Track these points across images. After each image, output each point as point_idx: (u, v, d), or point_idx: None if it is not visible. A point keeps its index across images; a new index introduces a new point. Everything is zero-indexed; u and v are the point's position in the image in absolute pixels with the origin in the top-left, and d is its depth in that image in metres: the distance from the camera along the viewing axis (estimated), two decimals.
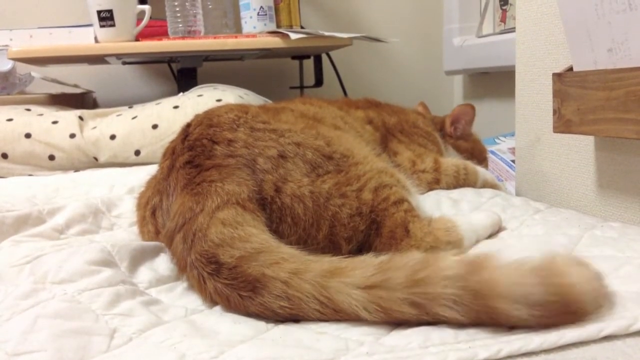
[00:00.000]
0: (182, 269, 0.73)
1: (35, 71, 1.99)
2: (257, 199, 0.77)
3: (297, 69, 2.25)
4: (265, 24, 1.85)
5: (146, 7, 1.70)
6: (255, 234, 0.71)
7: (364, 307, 0.60)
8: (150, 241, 0.86)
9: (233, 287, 0.65)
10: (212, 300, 0.69)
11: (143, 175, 1.02)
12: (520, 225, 0.94)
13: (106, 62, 2.00)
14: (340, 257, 0.66)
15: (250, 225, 0.72)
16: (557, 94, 1.03)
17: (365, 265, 0.62)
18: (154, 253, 0.82)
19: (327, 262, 0.65)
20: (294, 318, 0.63)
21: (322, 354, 0.54)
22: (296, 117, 0.96)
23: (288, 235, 0.79)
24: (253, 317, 0.65)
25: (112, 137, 1.48)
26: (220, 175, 0.78)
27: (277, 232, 0.78)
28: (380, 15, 2.34)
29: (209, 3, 1.92)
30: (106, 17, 1.65)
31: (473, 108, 1.40)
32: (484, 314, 0.57)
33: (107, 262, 0.76)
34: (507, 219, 0.97)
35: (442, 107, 1.59)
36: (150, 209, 0.87)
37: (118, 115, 1.56)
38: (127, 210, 1.11)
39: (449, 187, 1.20)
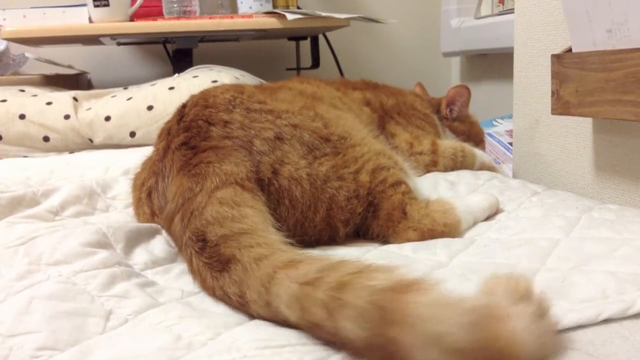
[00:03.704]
0: (180, 248, 0.73)
1: (29, 52, 1.97)
2: (255, 179, 0.76)
3: (294, 50, 2.24)
4: (261, 4, 1.83)
5: None
6: (249, 215, 0.69)
7: (287, 304, 0.53)
8: (145, 223, 0.86)
9: (209, 267, 0.64)
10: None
11: (138, 157, 1.01)
12: (517, 208, 0.94)
13: (100, 43, 1.98)
14: (313, 252, 0.63)
15: (248, 205, 0.71)
16: (555, 75, 1.02)
17: (321, 262, 0.55)
18: (149, 235, 0.82)
19: (294, 253, 0.60)
20: (245, 311, 0.59)
21: None
22: (294, 95, 0.95)
23: (286, 218, 0.78)
24: (220, 301, 0.63)
25: (107, 118, 1.47)
26: (217, 156, 0.77)
27: (275, 214, 0.77)
28: None
29: None
30: None
31: (468, 89, 1.39)
32: (380, 340, 0.46)
33: (103, 243, 0.75)
34: (505, 202, 0.97)
35: (439, 89, 1.58)
36: (146, 191, 0.86)
37: (113, 97, 1.55)
38: (123, 191, 1.10)
39: (446, 169, 1.20)
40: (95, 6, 1.64)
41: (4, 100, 1.48)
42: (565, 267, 0.68)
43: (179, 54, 1.85)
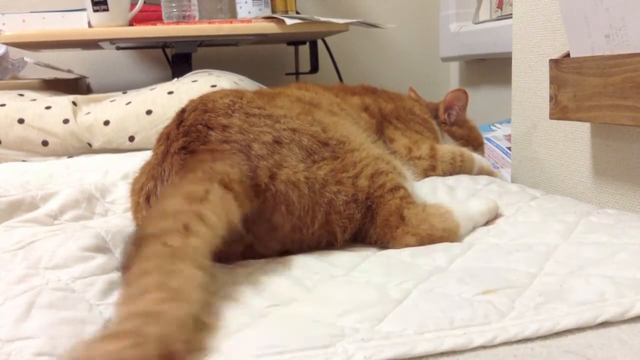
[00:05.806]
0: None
1: (28, 56, 1.97)
2: (250, 185, 0.76)
3: (293, 54, 2.24)
4: (260, 9, 1.83)
5: None
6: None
7: None
8: None
9: None
10: None
11: (137, 161, 1.01)
12: (516, 212, 0.94)
13: (100, 47, 1.98)
14: None
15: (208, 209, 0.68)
16: (553, 80, 1.02)
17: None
18: None
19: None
20: None
21: (318, 340, 0.54)
22: (292, 101, 0.95)
23: (282, 225, 0.78)
24: None
25: (106, 122, 1.47)
26: (212, 156, 0.77)
27: (269, 221, 0.77)
28: (376, 1, 2.33)
29: None
30: (100, 2, 1.63)
31: (465, 93, 1.39)
32: None
33: (101, 248, 0.75)
34: (503, 206, 0.97)
35: (438, 94, 1.58)
36: (145, 195, 0.86)
37: (112, 101, 1.55)
38: (121, 196, 1.10)
39: (444, 174, 1.20)
40: (95, 11, 1.64)
41: (3, 105, 1.48)
42: (564, 271, 0.68)
43: (178, 59, 1.85)
